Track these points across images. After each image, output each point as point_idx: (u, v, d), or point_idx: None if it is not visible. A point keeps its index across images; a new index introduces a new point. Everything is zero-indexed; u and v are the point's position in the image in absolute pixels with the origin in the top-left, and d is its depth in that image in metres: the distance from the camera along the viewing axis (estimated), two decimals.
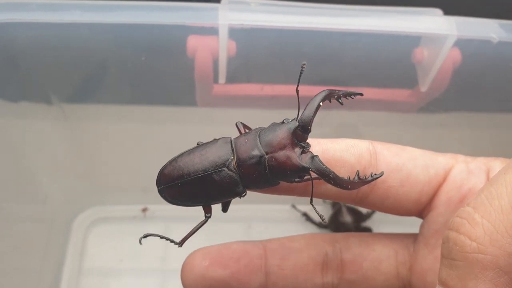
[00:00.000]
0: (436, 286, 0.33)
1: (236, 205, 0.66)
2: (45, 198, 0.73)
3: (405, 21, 0.51)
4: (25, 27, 0.50)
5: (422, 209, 0.41)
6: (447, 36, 0.50)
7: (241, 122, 0.39)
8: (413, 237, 0.44)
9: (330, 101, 0.37)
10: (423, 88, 0.55)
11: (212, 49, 0.53)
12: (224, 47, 0.51)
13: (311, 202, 0.37)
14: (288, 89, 0.60)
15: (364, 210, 0.76)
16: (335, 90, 0.37)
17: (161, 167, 0.39)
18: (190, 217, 0.47)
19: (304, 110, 0.36)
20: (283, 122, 0.36)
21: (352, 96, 0.38)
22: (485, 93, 0.60)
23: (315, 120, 0.36)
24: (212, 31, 0.51)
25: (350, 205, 0.76)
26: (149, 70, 0.57)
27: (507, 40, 0.50)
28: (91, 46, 0.53)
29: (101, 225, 0.76)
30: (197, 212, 0.43)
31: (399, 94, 0.59)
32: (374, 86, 0.59)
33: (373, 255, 0.44)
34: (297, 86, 0.36)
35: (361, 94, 0.38)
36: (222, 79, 0.55)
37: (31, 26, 0.50)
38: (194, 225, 0.43)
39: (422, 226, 0.43)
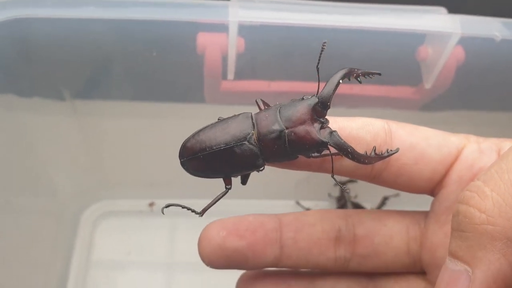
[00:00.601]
0: (446, 259, 0.34)
1: (240, 200, 0.67)
2: (54, 191, 0.74)
3: (410, 19, 0.52)
4: (39, 22, 0.51)
5: (434, 187, 0.42)
6: (451, 34, 0.51)
7: (261, 99, 0.41)
8: (424, 214, 0.45)
9: (350, 79, 0.38)
10: (427, 85, 0.56)
11: (222, 46, 0.54)
12: (233, 44, 0.52)
13: (332, 176, 0.38)
14: (295, 86, 0.61)
15: (368, 206, 0.77)
16: (354, 68, 0.38)
17: (184, 140, 0.40)
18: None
19: (324, 87, 0.37)
20: (302, 99, 0.38)
21: (371, 75, 0.39)
22: (488, 91, 0.61)
23: None
24: (222, 28, 0.52)
25: (354, 201, 0.77)
26: (159, 66, 0.58)
27: (510, 38, 0.51)
28: (103, 42, 0.54)
29: (109, 219, 0.77)
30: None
31: (404, 91, 0.60)
32: (379, 83, 0.60)
33: (385, 231, 0.44)
34: (318, 63, 0.37)
35: (379, 74, 0.39)
36: (230, 75, 0.57)
37: (45, 21, 0.51)
38: (199, 220, 0.44)
39: (433, 203, 0.44)
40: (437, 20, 0.52)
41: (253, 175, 0.41)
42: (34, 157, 0.70)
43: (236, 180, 0.41)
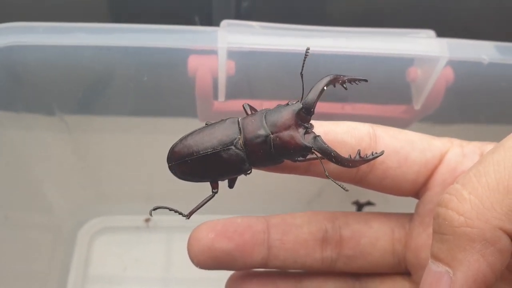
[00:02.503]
0: (429, 260, 0.35)
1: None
2: (50, 208, 0.74)
3: (399, 42, 0.53)
4: (31, 49, 0.52)
5: (418, 189, 0.43)
6: (439, 58, 0.52)
7: (248, 104, 0.42)
8: (409, 216, 0.46)
9: (335, 86, 0.39)
10: (417, 106, 0.57)
11: (212, 68, 0.54)
12: (223, 68, 0.53)
13: (327, 176, 0.38)
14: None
15: None
16: (340, 75, 0.39)
17: (172, 145, 0.41)
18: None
19: (309, 93, 0.38)
20: (288, 104, 0.38)
21: (357, 82, 0.39)
22: (476, 111, 0.61)
23: None
24: (212, 51, 0.53)
25: None
26: (151, 89, 0.59)
27: (497, 62, 0.52)
28: (94, 67, 0.55)
29: (106, 235, 0.78)
30: (199, 222, 0.45)
31: (394, 110, 0.60)
32: (369, 103, 0.60)
33: (371, 232, 0.45)
34: (302, 70, 0.38)
35: (366, 80, 0.40)
36: (221, 97, 0.57)
37: (38, 48, 0.52)
38: None
39: (417, 206, 0.44)
40: (425, 44, 0.52)
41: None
42: (30, 174, 0.70)
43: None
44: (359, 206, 0.78)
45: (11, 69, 0.53)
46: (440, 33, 0.54)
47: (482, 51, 0.52)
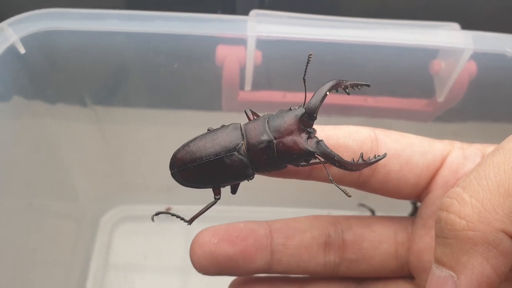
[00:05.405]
0: (432, 265, 0.35)
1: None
2: (76, 196, 0.76)
3: (424, 34, 0.54)
4: (66, 34, 0.53)
5: (420, 192, 0.43)
6: (463, 50, 0.53)
7: (250, 109, 0.41)
8: (412, 219, 0.46)
9: (337, 91, 0.39)
10: (440, 98, 0.58)
11: (240, 58, 0.55)
12: (251, 57, 0.54)
13: (331, 180, 0.38)
14: (309, 97, 0.62)
15: None
16: (343, 80, 0.39)
17: (174, 151, 0.41)
18: (213, 218, 0.49)
19: (311, 98, 0.38)
20: (290, 109, 0.38)
21: (359, 87, 0.39)
22: (499, 104, 0.62)
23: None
24: (240, 41, 0.54)
25: None
26: (179, 76, 0.60)
27: None
28: (127, 53, 0.56)
29: (127, 223, 0.79)
30: (219, 212, 0.44)
31: (417, 104, 0.61)
32: (392, 96, 0.61)
33: (373, 236, 0.45)
34: (304, 75, 0.38)
35: (368, 85, 0.40)
36: (248, 86, 0.58)
37: (72, 33, 0.53)
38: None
39: (420, 209, 0.45)
40: (450, 36, 0.53)
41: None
42: (58, 162, 0.72)
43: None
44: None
45: (47, 54, 0.55)
46: (465, 26, 0.54)
47: (506, 44, 0.52)
